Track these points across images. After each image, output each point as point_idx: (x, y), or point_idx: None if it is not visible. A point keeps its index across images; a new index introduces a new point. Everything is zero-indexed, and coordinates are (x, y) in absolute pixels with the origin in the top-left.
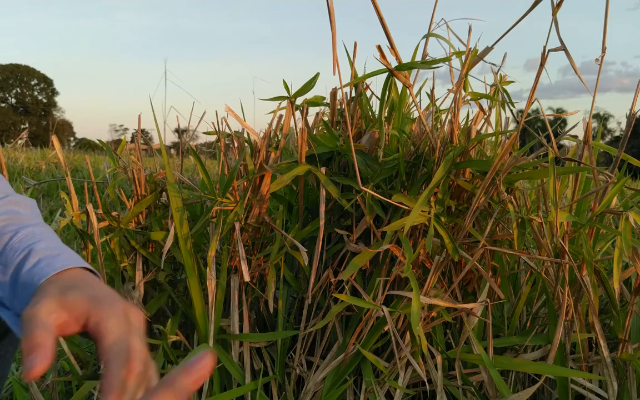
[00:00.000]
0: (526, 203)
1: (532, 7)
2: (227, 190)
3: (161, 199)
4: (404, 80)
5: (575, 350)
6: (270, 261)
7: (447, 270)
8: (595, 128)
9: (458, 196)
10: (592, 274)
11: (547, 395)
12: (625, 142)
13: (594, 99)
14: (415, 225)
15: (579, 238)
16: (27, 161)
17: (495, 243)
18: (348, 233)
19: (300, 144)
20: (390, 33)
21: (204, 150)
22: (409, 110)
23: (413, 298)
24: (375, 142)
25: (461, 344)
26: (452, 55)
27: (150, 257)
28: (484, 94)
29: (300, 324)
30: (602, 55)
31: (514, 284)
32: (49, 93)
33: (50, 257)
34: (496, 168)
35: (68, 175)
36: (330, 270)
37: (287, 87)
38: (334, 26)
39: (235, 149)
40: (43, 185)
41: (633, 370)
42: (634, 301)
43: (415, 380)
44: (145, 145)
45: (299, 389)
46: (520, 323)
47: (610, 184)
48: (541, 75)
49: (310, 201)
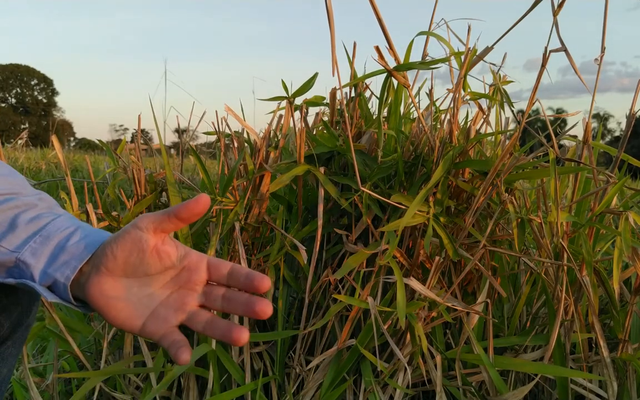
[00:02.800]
0: (526, 203)
1: (532, 7)
2: (227, 190)
3: (161, 199)
4: (403, 80)
5: (575, 350)
6: (270, 261)
7: (447, 270)
8: (595, 128)
9: (457, 196)
10: (592, 274)
11: (547, 395)
12: (625, 142)
13: (594, 98)
14: (415, 226)
15: (579, 238)
16: (27, 161)
17: (495, 243)
18: (347, 233)
19: (299, 143)
20: (389, 33)
21: (204, 150)
22: (409, 111)
23: (398, 288)
24: (374, 142)
25: (461, 344)
26: (452, 55)
27: None
28: (483, 94)
29: (300, 324)
30: (602, 55)
31: (514, 284)
32: (49, 93)
33: (96, 232)
34: (497, 168)
35: (68, 175)
36: (329, 270)
37: (285, 87)
38: (332, 26)
39: (235, 148)
40: (43, 185)
41: (633, 370)
42: (634, 301)
43: (415, 380)
44: (145, 145)
45: (299, 389)
46: (520, 323)
47: (610, 184)
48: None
49: (310, 201)
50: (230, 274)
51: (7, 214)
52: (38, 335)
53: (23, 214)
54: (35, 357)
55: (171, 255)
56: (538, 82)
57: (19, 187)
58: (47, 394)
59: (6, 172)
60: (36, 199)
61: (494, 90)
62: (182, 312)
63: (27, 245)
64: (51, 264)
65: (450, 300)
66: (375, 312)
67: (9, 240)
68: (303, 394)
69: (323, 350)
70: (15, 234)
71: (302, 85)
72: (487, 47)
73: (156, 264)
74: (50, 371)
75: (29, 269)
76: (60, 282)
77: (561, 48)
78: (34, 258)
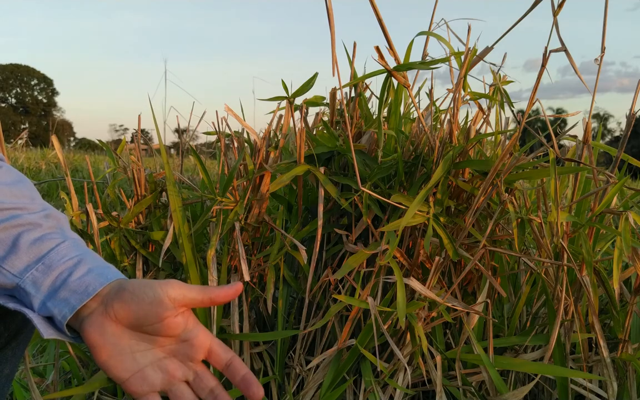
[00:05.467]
0: (526, 203)
1: (532, 7)
2: (227, 190)
3: (161, 199)
4: (403, 80)
5: (575, 350)
6: (270, 261)
7: (447, 270)
8: (595, 128)
9: (457, 196)
10: (592, 274)
11: (547, 395)
12: (625, 142)
13: (594, 98)
14: (415, 226)
15: (579, 238)
16: (27, 161)
17: (495, 243)
18: (347, 233)
19: (299, 143)
20: (388, 33)
21: (204, 150)
22: (409, 111)
23: (398, 288)
24: (374, 142)
25: (461, 344)
26: (452, 55)
27: (150, 257)
28: (483, 94)
29: (300, 324)
30: (602, 56)
31: (514, 284)
32: (49, 93)
33: (101, 267)
34: (497, 169)
35: (68, 175)
36: (329, 270)
37: (285, 87)
38: (332, 26)
39: (235, 148)
40: (43, 185)
41: (633, 370)
42: (633, 301)
43: (415, 380)
44: (145, 145)
45: (299, 389)
46: (520, 323)
47: (610, 184)
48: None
49: (310, 201)
50: (227, 366)
51: (10, 232)
52: (39, 336)
53: (26, 233)
54: (35, 357)
55: (179, 327)
56: (538, 82)
57: (26, 200)
58: (47, 394)
59: (10, 181)
60: (42, 216)
61: (494, 90)
62: (168, 382)
63: (29, 272)
64: (51, 298)
65: (450, 300)
66: (375, 312)
67: (11, 263)
68: (303, 394)
69: (323, 350)
70: (18, 256)
71: (302, 85)
72: (487, 47)
73: (163, 330)
74: (50, 371)
75: (28, 297)
76: (57, 318)
77: (561, 48)
78: (34, 288)
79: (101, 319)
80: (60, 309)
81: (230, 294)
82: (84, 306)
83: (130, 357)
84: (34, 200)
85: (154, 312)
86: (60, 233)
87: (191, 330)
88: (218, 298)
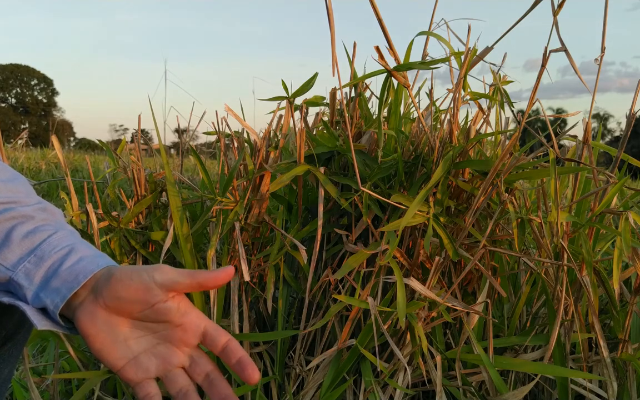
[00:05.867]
0: (526, 203)
1: (532, 7)
2: (227, 190)
3: (161, 199)
4: (403, 80)
5: (575, 350)
6: (270, 261)
7: (447, 270)
8: (595, 128)
9: (457, 196)
10: (592, 274)
11: (547, 395)
12: (625, 142)
13: (594, 98)
14: (415, 226)
15: (579, 238)
16: (27, 161)
17: (495, 243)
18: (347, 233)
19: (299, 143)
20: (389, 33)
21: (204, 150)
22: (409, 111)
23: (398, 288)
24: (374, 142)
25: (461, 344)
26: (452, 55)
27: (150, 257)
28: (483, 94)
29: (300, 324)
30: (602, 56)
31: (514, 284)
32: (49, 93)
33: (92, 256)
34: (497, 169)
35: (68, 175)
36: (329, 270)
37: (285, 87)
38: (332, 26)
39: (235, 148)
40: (43, 185)
41: (633, 370)
42: (634, 301)
43: (415, 380)
44: (145, 145)
45: (299, 389)
46: (520, 323)
47: (610, 184)
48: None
49: (310, 201)
50: (224, 349)
51: (4, 225)
52: (38, 335)
53: (20, 226)
54: (35, 357)
55: (171, 312)
56: (538, 82)
57: (20, 195)
58: (47, 394)
59: (6, 178)
60: (36, 209)
61: (494, 90)
62: (163, 368)
63: (22, 265)
64: (43, 288)
65: (450, 300)
66: (375, 312)
67: (4, 256)
68: (303, 394)
69: (323, 350)
70: (10, 249)
71: (302, 85)
72: (487, 47)
73: (154, 316)
74: (50, 371)
75: (22, 290)
76: (50, 308)
77: (561, 48)
78: (27, 280)
79: (92, 307)
80: (52, 299)
81: (220, 277)
82: (75, 295)
83: (124, 344)
84: (29, 195)
85: (142, 298)
86: (53, 224)
87: (184, 315)
88: (207, 282)
